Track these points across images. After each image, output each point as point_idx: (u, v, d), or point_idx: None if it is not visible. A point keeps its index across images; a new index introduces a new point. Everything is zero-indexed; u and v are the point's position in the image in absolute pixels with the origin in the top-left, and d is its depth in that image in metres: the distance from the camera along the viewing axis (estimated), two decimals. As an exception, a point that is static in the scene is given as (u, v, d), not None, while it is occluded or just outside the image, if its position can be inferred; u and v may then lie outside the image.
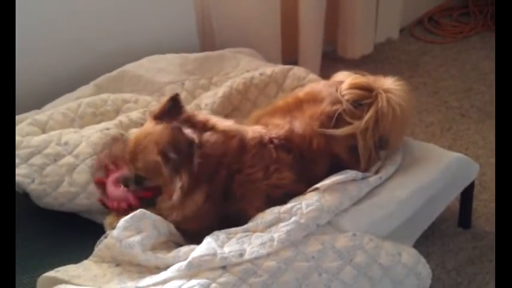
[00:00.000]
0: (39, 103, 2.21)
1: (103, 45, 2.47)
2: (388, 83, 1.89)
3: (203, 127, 1.75)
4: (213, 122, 1.78)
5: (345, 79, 1.94)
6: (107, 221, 1.81)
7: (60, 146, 1.91)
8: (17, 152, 1.91)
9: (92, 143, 1.93)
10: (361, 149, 1.81)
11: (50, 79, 2.37)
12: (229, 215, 1.73)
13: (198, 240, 1.62)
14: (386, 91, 1.84)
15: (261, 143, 1.76)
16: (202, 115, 1.83)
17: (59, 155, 1.90)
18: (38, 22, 2.30)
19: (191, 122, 1.75)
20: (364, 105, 1.83)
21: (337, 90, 1.88)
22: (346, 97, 1.84)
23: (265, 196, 1.73)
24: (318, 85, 2.00)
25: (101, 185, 1.89)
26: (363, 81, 1.89)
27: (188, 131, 1.70)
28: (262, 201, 1.73)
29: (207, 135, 1.73)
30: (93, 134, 1.96)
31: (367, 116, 1.81)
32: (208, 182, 1.71)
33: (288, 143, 1.79)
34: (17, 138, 1.95)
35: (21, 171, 1.87)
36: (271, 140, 1.78)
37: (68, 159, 1.90)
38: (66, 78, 2.36)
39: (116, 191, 1.85)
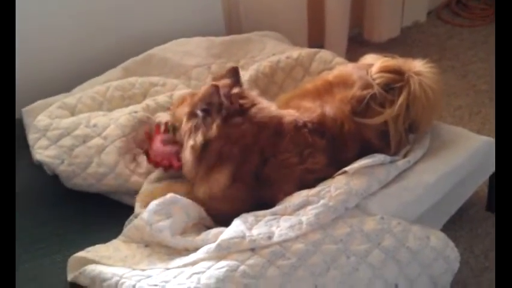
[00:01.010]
0: (68, 86, 2.24)
1: (130, 29, 2.48)
2: (419, 66, 1.86)
3: (241, 109, 1.73)
4: (253, 108, 1.74)
5: (374, 62, 1.92)
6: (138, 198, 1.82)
7: (89, 127, 1.94)
8: (46, 134, 1.94)
9: (120, 125, 1.95)
10: (392, 134, 1.80)
11: (79, 62, 2.39)
12: (262, 199, 1.73)
13: (227, 225, 1.63)
14: (417, 74, 1.82)
15: (296, 127, 1.75)
16: (251, 99, 1.78)
17: (88, 136, 1.92)
18: (67, 6, 2.32)
19: (235, 100, 1.73)
20: (395, 89, 1.81)
21: (367, 74, 1.86)
22: (377, 81, 1.82)
23: (298, 181, 1.72)
24: (347, 68, 1.97)
25: (149, 139, 1.93)
26: (393, 64, 1.87)
27: (224, 99, 1.69)
28: (295, 186, 1.72)
29: (237, 119, 1.71)
30: (121, 117, 1.98)
31: (399, 101, 1.79)
32: (235, 164, 1.70)
33: (320, 127, 1.77)
34: (47, 120, 1.99)
35: (50, 153, 1.90)
36: (305, 124, 1.76)
37: (97, 140, 1.92)
38: (95, 61, 2.38)
39: (162, 148, 1.88)
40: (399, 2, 3.10)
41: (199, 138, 1.68)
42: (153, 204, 1.66)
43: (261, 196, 1.73)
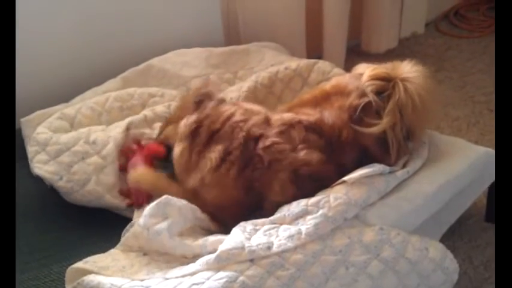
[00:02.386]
0: (67, 96, 2.24)
1: (130, 40, 2.49)
2: (406, 71, 1.85)
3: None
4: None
5: (364, 70, 1.93)
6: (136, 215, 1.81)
7: (88, 144, 1.94)
8: (46, 149, 1.95)
9: (118, 145, 1.96)
10: (391, 143, 1.79)
11: (78, 72, 2.39)
12: (255, 188, 1.72)
13: (224, 224, 1.65)
14: (403, 80, 1.81)
15: (290, 124, 1.78)
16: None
17: (87, 153, 1.93)
18: (67, 16, 2.33)
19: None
20: (385, 97, 1.81)
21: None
22: (368, 89, 1.82)
23: (292, 171, 1.71)
24: (344, 78, 1.98)
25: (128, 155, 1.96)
26: (381, 72, 1.86)
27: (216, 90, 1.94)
28: (289, 177, 1.71)
29: (226, 104, 1.88)
30: (118, 135, 1.98)
31: (387, 109, 1.78)
32: (225, 144, 1.75)
33: (318, 128, 1.79)
34: (47, 134, 1.99)
35: (49, 168, 1.90)
36: (300, 121, 1.79)
37: (96, 159, 1.92)
38: (94, 71, 2.39)
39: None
40: (397, 13, 3.12)
41: (192, 117, 1.83)
42: (148, 208, 1.65)
43: (253, 181, 1.71)
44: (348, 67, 2.71)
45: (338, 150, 1.78)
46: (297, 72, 2.30)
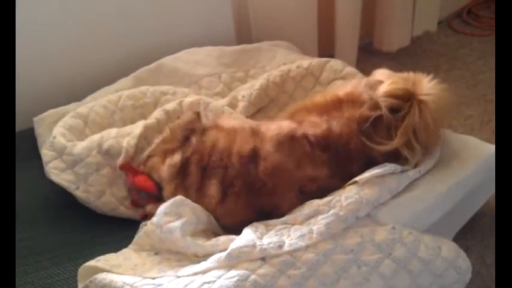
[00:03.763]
0: (79, 95, 2.25)
1: (142, 39, 2.50)
2: (425, 90, 1.78)
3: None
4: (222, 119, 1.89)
5: (384, 79, 1.88)
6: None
7: (101, 154, 1.94)
8: (62, 157, 1.94)
9: (129, 157, 1.95)
10: (410, 160, 1.77)
11: (90, 72, 2.40)
12: (265, 208, 1.72)
13: (237, 233, 1.63)
14: (419, 102, 1.76)
15: (291, 136, 1.75)
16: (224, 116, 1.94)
17: (100, 164, 1.93)
18: (77, 16, 2.34)
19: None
20: (399, 116, 1.76)
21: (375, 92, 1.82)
22: (383, 104, 1.78)
23: (298, 189, 1.71)
24: (359, 86, 1.90)
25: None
26: (399, 89, 1.79)
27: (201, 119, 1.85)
28: (296, 196, 1.71)
29: (210, 132, 1.82)
30: (130, 141, 1.96)
31: (400, 130, 1.74)
32: (220, 174, 1.73)
33: (324, 141, 1.75)
34: (62, 140, 1.98)
35: (67, 177, 1.91)
36: (305, 136, 1.75)
37: (108, 170, 1.93)
38: (106, 70, 2.40)
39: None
40: (409, 11, 3.10)
41: (176, 158, 1.79)
42: (162, 206, 1.67)
43: (262, 206, 1.71)
44: (360, 66, 2.73)
45: (345, 160, 1.76)
46: (308, 71, 2.29)
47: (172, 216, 1.65)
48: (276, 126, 1.80)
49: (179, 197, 1.68)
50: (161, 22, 2.52)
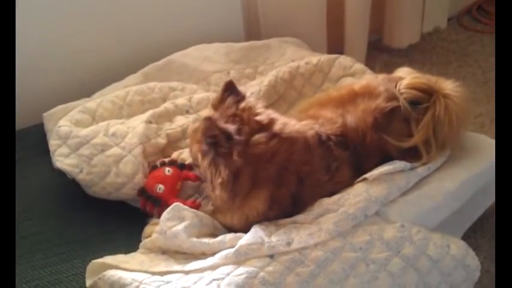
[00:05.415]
0: (88, 91, 2.26)
1: (151, 35, 2.50)
2: (449, 88, 1.80)
3: (260, 127, 1.63)
4: (275, 124, 1.64)
5: (406, 76, 1.88)
6: (145, 231, 1.78)
7: (107, 136, 1.95)
8: (67, 142, 1.95)
9: (137, 133, 1.96)
10: (425, 157, 1.76)
11: (99, 68, 2.41)
12: (289, 216, 1.68)
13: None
14: (445, 97, 1.76)
15: (321, 141, 1.70)
16: (266, 114, 1.67)
17: (106, 145, 1.93)
18: (86, 12, 2.34)
19: (247, 118, 1.64)
20: (420, 108, 1.76)
21: (396, 86, 1.82)
22: (403, 95, 1.77)
23: (329, 194, 1.69)
24: (375, 79, 1.91)
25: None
26: (423, 83, 1.81)
27: (228, 125, 1.59)
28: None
29: (260, 136, 1.61)
30: (138, 125, 1.98)
31: (423, 123, 1.74)
32: (272, 186, 1.61)
33: (343, 138, 1.74)
34: (67, 128, 1.99)
35: (70, 161, 1.91)
36: (329, 137, 1.72)
37: (115, 150, 1.93)
38: (115, 67, 2.40)
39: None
40: (419, 7, 3.09)
41: (224, 172, 1.57)
42: (165, 213, 1.67)
43: (291, 215, 1.67)
44: (369, 62, 2.71)
45: (362, 155, 1.75)
46: (318, 67, 2.29)
47: (174, 221, 1.65)
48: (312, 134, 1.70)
49: (178, 203, 1.69)
50: (170, 19, 2.52)
